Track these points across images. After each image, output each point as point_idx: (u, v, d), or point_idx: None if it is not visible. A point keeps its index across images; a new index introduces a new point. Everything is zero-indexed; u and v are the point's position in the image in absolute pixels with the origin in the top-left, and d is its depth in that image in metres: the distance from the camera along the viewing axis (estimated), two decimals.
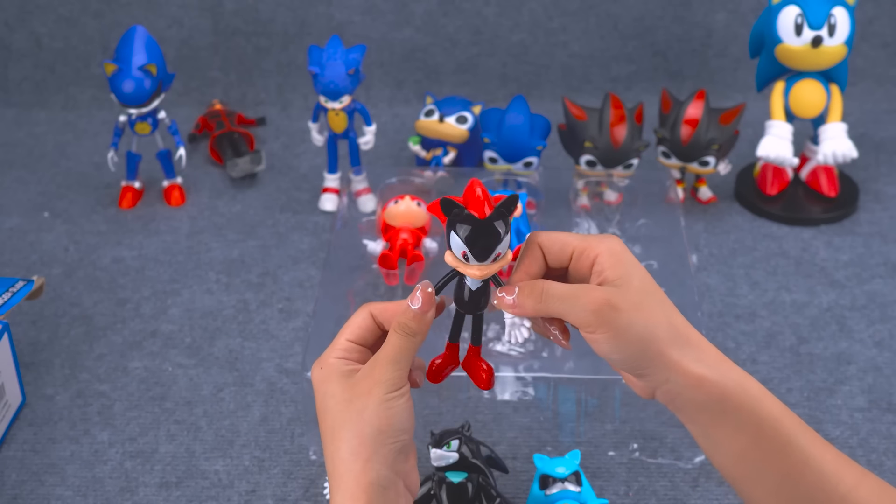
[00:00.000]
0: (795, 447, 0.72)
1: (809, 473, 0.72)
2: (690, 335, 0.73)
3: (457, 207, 0.70)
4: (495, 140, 1.29)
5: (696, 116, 1.29)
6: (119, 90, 1.30)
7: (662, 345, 0.72)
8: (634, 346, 0.72)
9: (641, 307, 0.72)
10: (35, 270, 1.28)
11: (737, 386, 0.72)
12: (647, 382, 0.73)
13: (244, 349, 1.16)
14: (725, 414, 0.72)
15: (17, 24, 1.60)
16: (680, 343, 0.72)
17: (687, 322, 0.74)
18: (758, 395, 0.72)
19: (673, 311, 0.74)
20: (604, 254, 0.74)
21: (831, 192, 1.35)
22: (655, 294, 0.73)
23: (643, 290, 0.73)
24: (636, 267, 0.74)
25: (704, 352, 0.73)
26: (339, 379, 0.75)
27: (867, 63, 1.58)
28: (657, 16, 1.59)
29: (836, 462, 0.72)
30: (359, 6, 1.59)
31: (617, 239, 0.75)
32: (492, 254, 0.71)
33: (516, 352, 1.04)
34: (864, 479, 0.72)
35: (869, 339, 1.15)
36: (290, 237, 1.33)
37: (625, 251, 0.74)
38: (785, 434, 0.72)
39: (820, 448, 0.73)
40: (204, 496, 0.99)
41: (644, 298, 0.72)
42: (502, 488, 0.96)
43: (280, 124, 1.56)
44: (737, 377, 0.73)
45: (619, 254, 0.74)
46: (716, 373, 0.72)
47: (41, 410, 1.08)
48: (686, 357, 0.72)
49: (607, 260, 0.73)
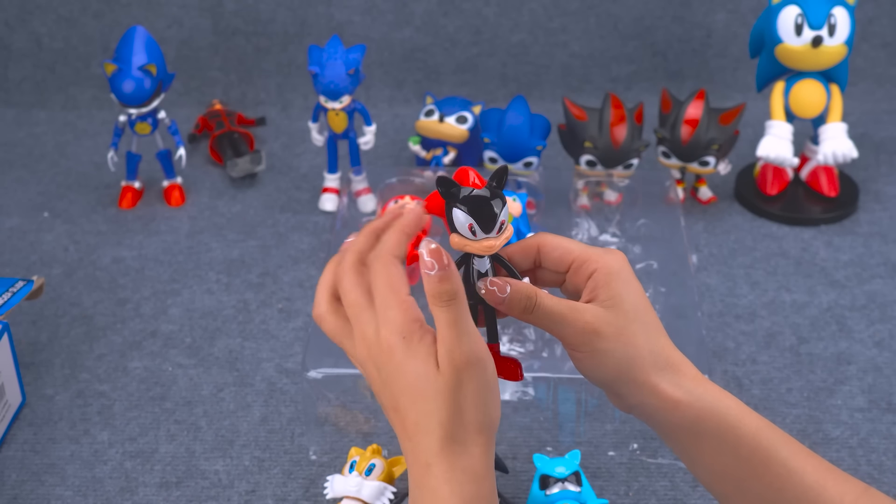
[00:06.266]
0: (776, 461, 0.72)
1: (791, 487, 0.72)
2: (671, 357, 0.74)
3: (454, 184, 0.70)
4: (495, 140, 1.29)
5: (696, 116, 1.29)
6: (119, 90, 1.30)
7: (639, 371, 0.72)
8: (612, 371, 0.72)
9: (624, 333, 0.72)
10: (35, 270, 1.28)
11: (712, 407, 0.73)
12: (624, 400, 0.74)
13: (244, 349, 1.16)
14: (702, 435, 0.73)
15: (17, 24, 1.60)
16: (659, 367, 0.73)
17: (670, 344, 0.74)
18: (736, 415, 0.73)
19: (658, 334, 0.74)
20: (601, 271, 0.74)
21: (831, 192, 1.35)
22: (643, 317, 0.74)
23: (631, 314, 0.73)
24: (630, 287, 0.74)
25: (683, 374, 0.73)
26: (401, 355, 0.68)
27: (867, 63, 1.58)
28: (657, 16, 1.59)
29: (819, 472, 0.72)
30: (359, 6, 1.59)
31: (619, 255, 0.75)
32: (497, 222, 0.70)
33: (516, 352, 1.04)
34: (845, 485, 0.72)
35: (869, 339, 1.15)
36: (290, 237, 1.33)
37: (622, 269, 0.74)
38: (764, 449, 0.72)
39: (802, 460, 0.73)
40: (204, 496, 0.99)
41: (629, 324, 0.73)
42: (502, 488, 0.96)
43: (280, 124, 1.56)
44: (713, 398, 0.73)
45: (615, 273, 0.74)
46: (691, 396, 0.72)
47: (41, 410, 1.08)
48: (664, 381, 0.72)
49: (603, 278, 0.73)
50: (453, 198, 0.70)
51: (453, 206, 0.70)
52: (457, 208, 0.70)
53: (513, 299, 0.72)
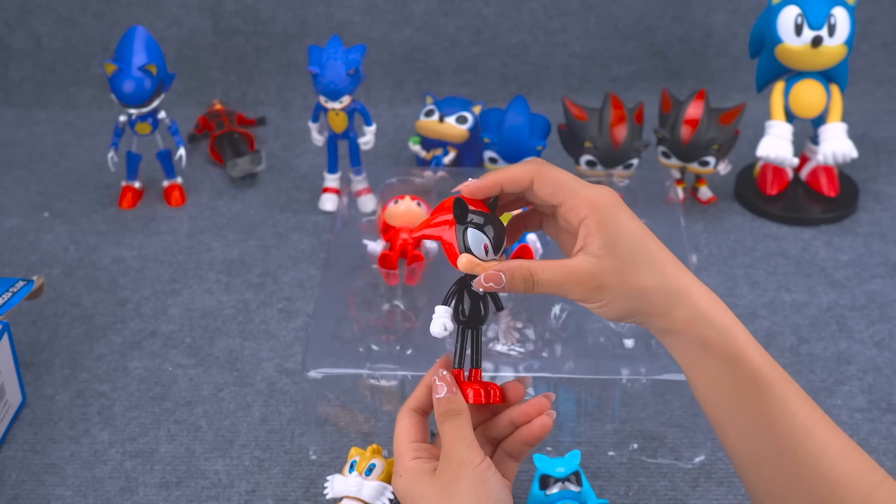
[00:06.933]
0: (771, 398, 0.74)
1: (781, 425, 0.74)
2: (679, 285, 0.76)
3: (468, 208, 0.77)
4: (495, 140, 1.29)
5: (696, 116, 1.29)
6: (119, 90, 1.30)
7: (650, 305, 0.76)
8: (625, 310, 0.76)
9: (626, 277, 0.75)
10: (35, 270, 1.28)
11: (721, 335, 0.75)
12: (641, 325, 0.78)
13: (244, 349, 1.16)
14: (706, 359, 0.75)
15: (17, 24, 1.60)
16: (669, 296, 0.75)
17: (677, 270, 0.76)
18: (741, 346, 0.75)
19: (662, 263, 0.76)
20: (591, 216, 0.76)
21: (831, 192, 1.35)
22: (642, 254, 0.76)
23: (628, 257, 0.75)
24: (622, 227, 0.76)
25: (693, 300, 0.75)
26: (423, 478, 0.79)
27: (867, 63, 1.58)
28: (657, 16, 1.59)
29: (810, 416, 0.74)
30: (359, 6, 1.59)
31: (606, 194, 0.77)
32: (503, 244, 0.79)
33: (516, 352, 1.04)
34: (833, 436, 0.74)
35: (869, 339, 1.15)
36: (290, 237, 1.33)
37: (610, 208, 0.76)
38: (763, 385, 0.74)
39: (797, 403, 0.75)
40: (204, 496, 0.99)
41: (629, 267, 0.75)
42: None
43: (280, 124, 1.56)
44: (722, 327, 0.75)
45: (605, 216, 0.76)
46: (703, 321, 0.75)
47: (41, 410, 1.08)
48: (675, 308, 0.75)
49: (594, 224, 0.76)
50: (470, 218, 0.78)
51: (469, 228, 0.77)
52: (473, 230, 0.77)
53: (512, 283, 0.77)
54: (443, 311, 0.81)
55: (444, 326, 0.80)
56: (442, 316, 0.81)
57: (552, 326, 1.06)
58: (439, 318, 0.81)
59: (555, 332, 1.05)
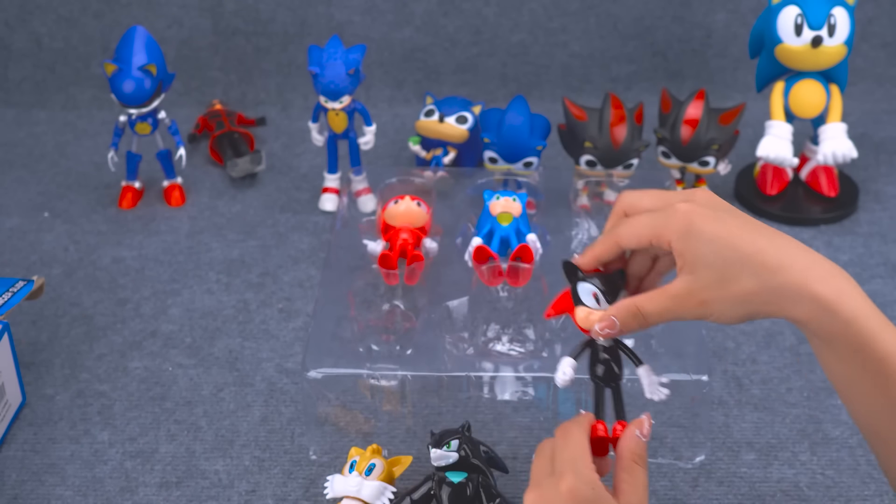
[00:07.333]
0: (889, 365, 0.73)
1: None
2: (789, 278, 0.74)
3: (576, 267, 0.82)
4: (495, 140, 1.29)
5: (696, 116, 1.29)
6: (119, 90, 1.30)
7: (761, 305, 0.75)
8: (740, 317, 0.75)
9: (725, 285, 0.75)
10: (35, 270, 1.28)
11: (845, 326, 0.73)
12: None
13: (244, 349, 1.16)
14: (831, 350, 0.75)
15: (17, 24, 1.61)
16: (778, 293, 0.74)
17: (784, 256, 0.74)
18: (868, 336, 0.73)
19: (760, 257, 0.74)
20: (674, 240, 0.76)
21: (831, 192, 1.35)
22: (733, 255, 0.75)
23: (720, 263, 0.75)
24: (702, 234, 0.75)
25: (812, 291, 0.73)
26: None
27: (867, 63, 1.58)
28: (657, 16, 1.59)
29: None
30: (359, 6, 1.59)
31: (680, 213, 0.76)
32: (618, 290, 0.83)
33: (516, 352, 1.04)
34: None
35: None
36: (290, 237, 1.33)
37: (688, 221, 0.76)
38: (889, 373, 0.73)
39: None
40: (204, 496, 0.99)
41: (724, 274, 0.74)
42: (502, 488, 0.96)
43: (280, 124, 1.56)
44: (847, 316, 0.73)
45: (683, 232, 0.76)
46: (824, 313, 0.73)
47: (41, 410, 1.08)
48: (789, 304, 0.74)
49: (679, 246, 0.76)
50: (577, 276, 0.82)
51: (578, 282, 0.82)
52: (582, 283, 0.82)
53: (625, 323, 0.79)
54: (567, 364, 0.83)
55: (564, 372, 0.83)
56: (565, 366, 0.84)
57: (552, 326, 1.06)
58: (562, 368, 0.84)
59: (555, 332, 1.05)
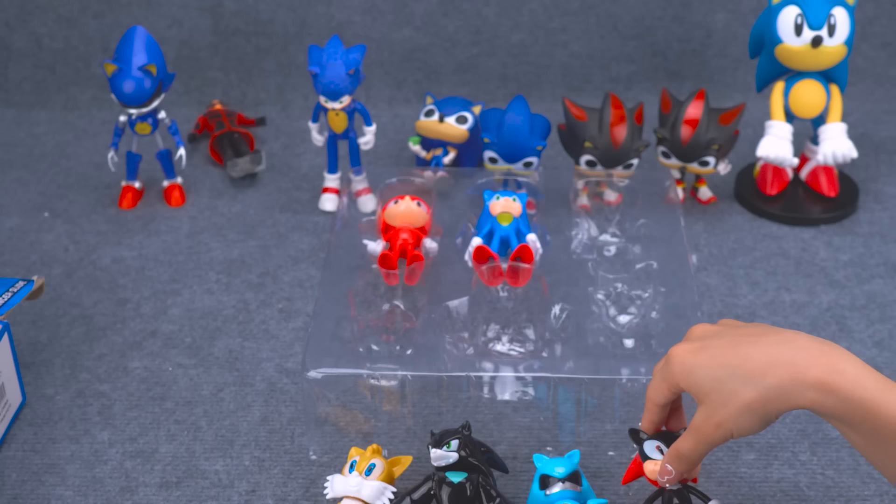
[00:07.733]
0: None
1: None
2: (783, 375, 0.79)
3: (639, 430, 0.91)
4: (495, 140, 1.29)
5: (696, 116, 1.29)
6: (119, 90, 1.30)
7: (769, 407, 0.80)
8: (759, 424, 0.81)
9: (729, 402, 0.81)
10: (35, 270, 1.28)
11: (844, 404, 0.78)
12: None
13: (244, 349, 1.16)
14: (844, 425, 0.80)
15: (17, 24, 1.61)
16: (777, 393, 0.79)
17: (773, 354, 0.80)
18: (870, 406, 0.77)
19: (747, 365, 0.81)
20: (681, 383, 0.84)
21: (831, 192, 1.35)
22: (724, 372, 0.81)
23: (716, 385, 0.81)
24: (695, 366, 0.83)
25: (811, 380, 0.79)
26: None
27: (867, 63, 1.59)
28: (657, 16, 1.59)
29: None
30: (359, 6, 1.59)
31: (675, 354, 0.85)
32: None
33: (516, 352, 1.04)
34: None
35: (869, 339, 1.15)
36: (290, 237, 1.33)
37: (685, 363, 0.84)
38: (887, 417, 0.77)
39: None
40: (204, 496, 0.99)
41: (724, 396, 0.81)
42: (502, 488, 0.96)
43: (280, 124, 1.56)
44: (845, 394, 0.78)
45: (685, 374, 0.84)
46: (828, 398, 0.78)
47: (41, 410, 1.08)
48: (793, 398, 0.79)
49: (685, 385, 0.84)
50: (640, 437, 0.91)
51: (644, 441, 0.90)
52: (650, 440, 0.90)
53: (677, 468, 0.86)
54: None
55: None
56: None
57: (552, 326, 1.06)
58: None
59: (555, 332, 1.05)
